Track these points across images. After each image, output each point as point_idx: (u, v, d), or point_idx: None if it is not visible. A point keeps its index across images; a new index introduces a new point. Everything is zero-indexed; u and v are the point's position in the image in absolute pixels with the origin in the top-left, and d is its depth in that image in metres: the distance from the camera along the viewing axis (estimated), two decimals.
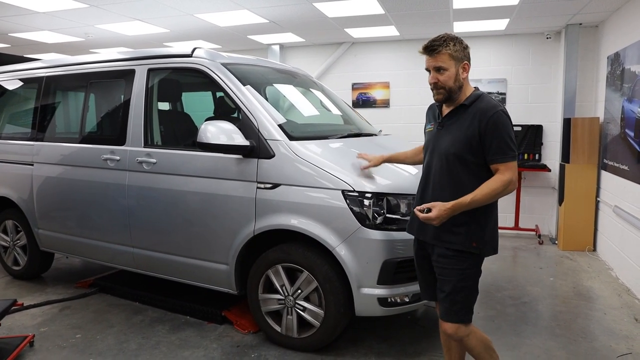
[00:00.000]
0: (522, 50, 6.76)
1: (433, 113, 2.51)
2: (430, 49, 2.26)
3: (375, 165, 3.03)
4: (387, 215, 2.99)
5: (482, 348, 2.43)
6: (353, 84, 7.59)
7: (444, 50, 2.24)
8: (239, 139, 3.19)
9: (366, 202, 2.96)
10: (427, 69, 2.32)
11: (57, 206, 4.34)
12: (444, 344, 2.65)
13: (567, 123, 5.95)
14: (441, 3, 5.13)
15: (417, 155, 2.91)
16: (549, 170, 6.55)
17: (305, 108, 4.24)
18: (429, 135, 2.49)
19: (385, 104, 7.46)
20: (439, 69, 2.26)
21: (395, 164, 3.31)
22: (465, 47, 2.30)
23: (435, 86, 2.29)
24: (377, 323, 3.75)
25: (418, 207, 2.28)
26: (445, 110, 2.39)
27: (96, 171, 3.98)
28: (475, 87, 2.37)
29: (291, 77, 4.37)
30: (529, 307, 4.15)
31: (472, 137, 2.22)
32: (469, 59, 2.32)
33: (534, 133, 6.70)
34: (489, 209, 2.33)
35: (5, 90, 5.00)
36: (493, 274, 5.01)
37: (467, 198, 2.18)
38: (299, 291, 3.21)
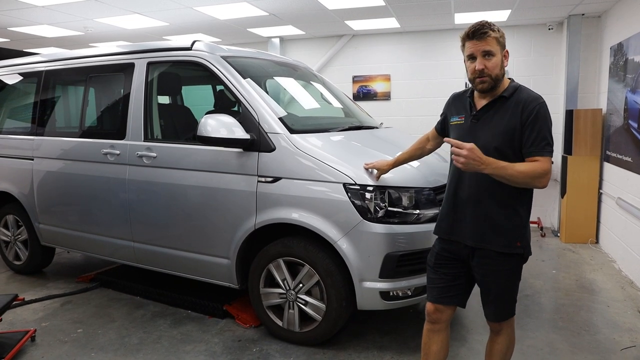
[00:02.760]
0: (524, 41, 6.71)
1: (462, 104, 2.34)
2: (480, 32, 2.11)
3: (385, 173, 2.96)
4: (389, 208, 2.97)
5: (510, 346, 2.43)
6: (354, 77, 7.54)
7: (493, 34, 2.10)
8: (240, 133, 3.17)
9: (368, 195, 2.94)
10: (471, 56, 2.15)
11: (58, 201, 4.33)
12: (423, 348, 2.48)
13: (569, 114, 5.91)
14: None
15: (418, 150, 2.83)
16: (551, 162, 6.50)
17: (305, 101, 4.21)
18: (458, 128, 2.31)
19: (386, 96, 7.42)
20: (487, 54, 2.11)
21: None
22: (504, 34, 2.19)
23: (481, 73, 2.12)
24: (379, 317, 3.74)
25: (448, 140, 2.09)
26: (480, 102, 2.24)
27: (96, 165, 3.97)
28: (510, 78, 2.25)
29: (291, 70, 4.34)
30: (532, 300, 4.14)
31: (514, 129, 2.11)
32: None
33: None
34: (530, 207, 2.25)
35: (5, 84, 4.98)
36: None
37: (502, 163, 2.04)
38: (301, 285, 3.20)
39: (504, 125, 2.14)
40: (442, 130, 2.59)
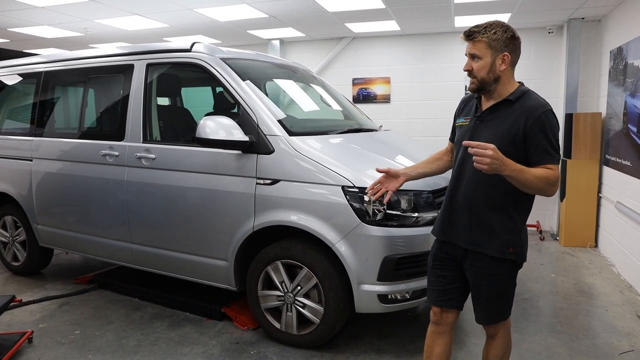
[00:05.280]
0: (524, 44, 6.52)
1: (470, 107, 2.34)
2: (468, 34, 2.14)
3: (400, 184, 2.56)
4: (388, 211, 2.96)
5: (507, 350, 2.41)
6: (353, 79, 7.54)
7: (481, 38, 2.10)
8: (238, 135, 3.16)
9: (366, 198, 2.93)
10: (466, 56, 2.20)
11: (56, 202, 4.33)
12: (425, 350, 2.48)
13: (569, 118, 5.92)
14: None
15: (434, 163, 2.63)
16: None
17: (305, 103, 4.21)
18: (463, 129, 2.30)
19: (386, 99, 7.42)
20: (473, 56, 2.14)
21: (395, 161, 3.29)
22: (510, 38, 2.12)
23: (469, 74, 2.17)
24: (377, 320, 3.73)
25: (468, 142, 1.97)
26: (486, 104, 2.22)
27: (95, 167, 3.96)
28: (520, 82, 2.23)
29: (291, 72, 4.34)
30: (530, 303, 4.13)
31: (515, 135, 2.08)
32: (513, 51, 2.15)
33: None
34: (526, 213, 2.24)
35: (4, 85, 4.98)
36: None
37: (519, 166, 1.97)
38: (299, 288, 3.19)
39: (506, 129, 2.11)
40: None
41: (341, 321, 3.16)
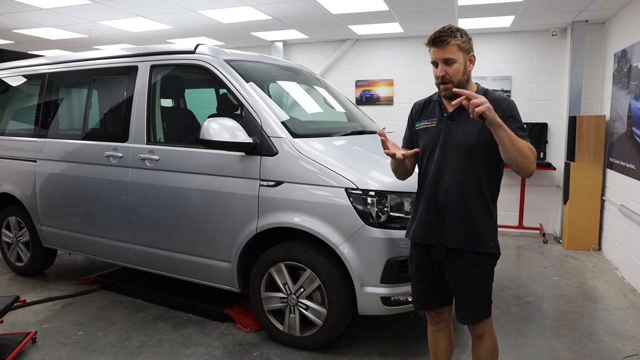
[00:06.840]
0: (528, 47, 6.71)
1: (430, 110, 2.35)
2: (439, 39, 2.12)
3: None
4: (391, 213, 2.96)
5: (495, 348, 2.43)
6: (357, 81, 7.55)
7: (453, 41, 2.11)
8: (242, 136, 3.17)
9: (370, 200, 2.94)
10: (434, 62, 2.18)
11: (60, 203, 4.34)
12: (430, 347, 2.57)
13: (572, 121, 5.90)
14: None
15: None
16: (554, 169, 6.50)
17: (308, 105, 4.21)
18: (430, 131, 2.28)
19: (389, 101, 7.43)
20: (447, 61, 2.13)
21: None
22: (470, 39, 2.19)
23: (443, 80, 2.15)
24: (380, 322, 3.73)
25: (467, 92, 1.97)
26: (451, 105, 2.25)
27: (99, 168, 3.97)
28: (476, 83, 2.28)
29: (294, 74, 4.35)
30: (533, 306, 4.12)
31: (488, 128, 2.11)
32: (473, 51, 2.22)
33: (538, 131, 6.64)
34: (496, 208, 2.29)
35: (9, 86, 5.00)
36: (496, 273, 4.90)
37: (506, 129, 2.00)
38: (302, 289, 3.19)
39: (478, 125, 2.12)
40: (414, 144, 2.45)
41: (344, 323, 3.15)
